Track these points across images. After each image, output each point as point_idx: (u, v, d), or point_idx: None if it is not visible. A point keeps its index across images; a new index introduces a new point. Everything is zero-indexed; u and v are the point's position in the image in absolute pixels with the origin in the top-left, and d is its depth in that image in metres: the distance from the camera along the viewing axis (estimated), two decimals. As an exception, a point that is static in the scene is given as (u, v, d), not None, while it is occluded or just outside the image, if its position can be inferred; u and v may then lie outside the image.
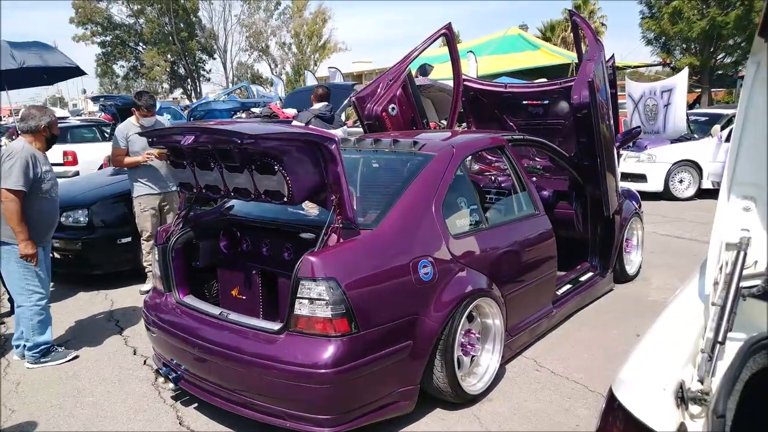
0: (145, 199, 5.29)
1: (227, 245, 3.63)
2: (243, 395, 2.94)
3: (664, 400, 1.30)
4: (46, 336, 4.02)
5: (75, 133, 12.08)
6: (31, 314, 3.94)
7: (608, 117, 4.71)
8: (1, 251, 3.87)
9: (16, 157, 3.76)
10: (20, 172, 3.74)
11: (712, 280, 1.44)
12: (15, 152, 3.79)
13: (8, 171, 3.72)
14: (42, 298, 3.98)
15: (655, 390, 1.33)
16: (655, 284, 5.46)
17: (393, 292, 2.91)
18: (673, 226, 7.99)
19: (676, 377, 1.32)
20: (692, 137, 10.43)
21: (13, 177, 3.72)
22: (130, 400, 3.49)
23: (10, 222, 3.75)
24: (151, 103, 5.35)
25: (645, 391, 1.36)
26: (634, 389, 1.39)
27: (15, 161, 3.74)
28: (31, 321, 3.95)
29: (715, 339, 1.32)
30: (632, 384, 1.42)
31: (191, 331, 3.14)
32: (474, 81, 5.88)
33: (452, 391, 3.18)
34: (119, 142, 5.29)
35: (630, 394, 1.38)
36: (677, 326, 1.54)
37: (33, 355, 3.99)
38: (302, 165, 2.77)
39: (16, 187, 3.72)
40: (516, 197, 4.15)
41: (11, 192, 3.71)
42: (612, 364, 3.76)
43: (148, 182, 5.29)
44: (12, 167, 3.73)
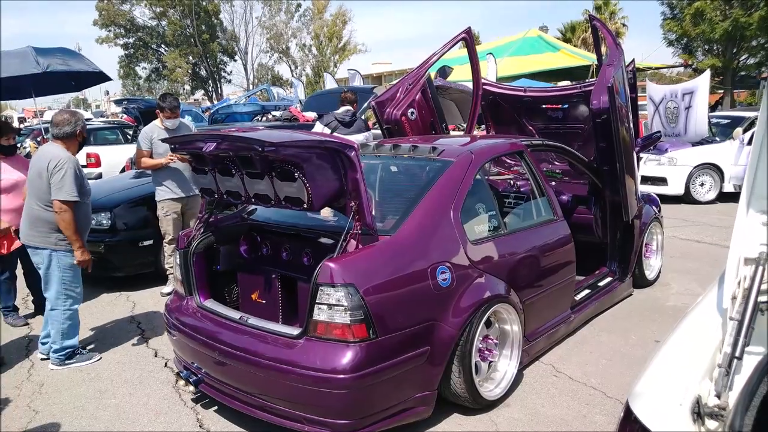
0: (167, 203, 5.37)
1: (247, 250, 3.67)
2: (262, 399, 2.98)
3: (680, 416, 1.30)
4: (73, 340, 4.11)
5: (98, 135, 12.25)
6: (63, 318, 4.03)
7: (628, 121, 4.68)
8: (51, 257, 3.96)
9: (65, 167, 3.81)
10: (72, 182, 3.81)
11: (730, 294, 1.44)
12: (63, 162, 3.82)
13: (61, 182, 3.78)
14: (75, 302, 4.09)
15: (671, 405, 1.33)
16: (675, 289, 5.41)
17: (411, 298, 2.93)
18: (694, 230, 7.90)
19: (692, 392, 1.32)
20: (714, 140, 10.30)
21: (67, 188, 3.79)
22: (151, 402, 3.55)
23: (67, 231, 3.84)
24: (174, 105, 5.42)
25: (661, 406, 1.36)
26: (651, 403, 1.39)
27: (66, 171, 3.79)
28: (62, 325, 4.03)
29: (733, 354, 1.32)
30: (648, 398, 1.42)
31: (211, 334, 3.18)
32: (493, 85, 5.87)
33: (470, 397, 3.19)
34: (143, 144, 5.37)
35: (646, 408, 1.39)
36: (694, 339, 1.53)
37: (59, 357, 4.07)
38: (322, 172, 2.80)
39: (71, 198, 3.81)
40: (535, 202, 4.15)
41: (65, 203, 3.79)
42: (630, 371, 3.75)
43: (170, 186, 5.36)
44: (64, 178, 3.78)
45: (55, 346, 4.06)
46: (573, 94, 5.36)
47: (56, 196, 3.78)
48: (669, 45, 24.41)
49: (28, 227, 4.01)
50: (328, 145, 2.77)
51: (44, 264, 3.99)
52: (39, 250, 4.00)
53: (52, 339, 4.08)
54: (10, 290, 4.99)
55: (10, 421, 3.39)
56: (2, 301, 4.97)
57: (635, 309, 4.93)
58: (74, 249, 3.91)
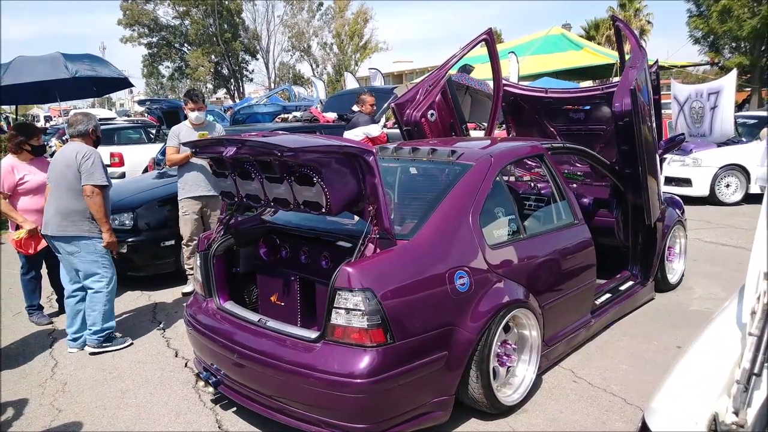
0: (187, 202, 5.43)
1: (267, 252, 3.70)
2: (280, 402, 3.00)
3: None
4: (112, 322, 4.43)
5: (122, 135, 12.41)
6: (105, 300, 4.33)
7: (651, 123, 4.62)
8: (87, 244, 4.26)
9: (92, 156, 4.18)
10: (101, 168, 4.20)
11: (750, 309, 1.41)
12: (90, 152, 4.19)
13: (91, 168, 4.14)
14: (114, 282, 4.42)
15: (687, 424, 1.32)
16: (698, 294, 5.33)
17: (429, 303, 2.92)
18: (718, 232, 7.76)
19: (709, 409, 1.30)
20: (740, 140, 10.12)
21: (98, 174, 4.17)
22: (171, 402, 3.60)
23: (98, 214, 4.18)
24: (196, 94, 5.58)
25: (677, 425, 1.35)
26: (667, 422, 1.38)
27: (94, 159, 4.17)
28: (104, 306, 4.32)
29: (752, 370, 1.29)
30: (665, 415, 1.40)
31: (230, 336, 3.21)
32: (514, 86, 5.84)
33: (487, 402, 3.18)
34: (171, 141, 5.48)
35: (662, 426, 1.37)
36: (712, 355, 1.51)
37: (98, 339, 4.34)
38: (340, 176, 2.81)
39: (102, 182, 4.18)
40: (555, 206, 4.11)
41: (96, 187, 4.15)
42: (651, 377, 3.70)
43: (191, 185, 5.41)
44: (93, 165, 4.15)
45: (95, 328, 4.32)
46: (595, 95, 5.31)
47: (88, 182, 4.13)
48: (695, 43, 24.05)
49: (60, 219, 4.22)
50: (346, 149, 2.78)
51: (80, 252, 4.27)
52: (74, 239, 4.25)
53: (92, 322, 4.33)
54: (35, 289, 5.09)
55: (33, 419, 3.46)
56: (27, 300, 5.07)
57: (657, 313, 4.86)
58: (103, 231, 4.23)
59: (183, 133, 5.43)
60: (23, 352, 4.48)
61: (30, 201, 4.76)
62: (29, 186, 4.76)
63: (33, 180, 4.77)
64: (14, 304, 5.42)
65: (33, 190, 4.77)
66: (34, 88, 7.23)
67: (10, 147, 4.82)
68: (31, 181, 4.76)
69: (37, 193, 4.75)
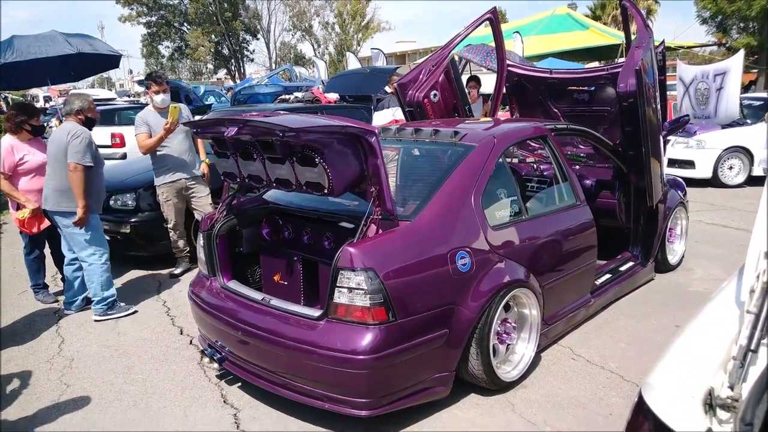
0: (164, 188, 5.40)
1: (269, 233, 3.73)
2: (284, 377, 3.06)
3: (692, 408, 1.32)
4: (112, 290, 4.69)
5: (122, 115, 12.29)
6: (101, 271, 4.58)
7: (656, 105, 4.61)
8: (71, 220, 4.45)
9: (82, 135, 4.38)
10: (86, 149, 4.37)
11: (749, 287, 1.44)
12: (80, 132, 4.39)
13: (77, 146, 4.33)
14: (107, 255, 4.65)
15: (683, 398, 1.35)
16: (698, 275, 5.36)
17: (430, 283, 2.96)
18: (720, 214, 7.77)
19: (705, 384, 1.33)
20: (744, 122, 10.06)
21: (83, 153, 4.34)
22: (177, 378, 3.67)
23: (76, 189, 4.34)
24: (159, 76, 5.56)
25: (673, 399, 1.38)
26: (663, 395, 1.41)
27: (82, 139, 4.36)
28: (101, 277, 4.58)
29: (748, 346, 1.33)
30: (661, 389, 1.44)
31: (235, 315, 3.26)
32: (518, 66, 5.80)
33: (487, 378, 3.23)
34: (139, 128, 5.34)
35: (659, 399, 1.40)
36: (710, 332, 1.54)
37: (102, 307, 4.61)
38: (342, 157, 2.83)
39: (84, 162, 4.35)
40: (557, 187, 4.13)
41: (79, 165, 4.32)
42: (649, 355, 3.76)
43: (165, 170, 5.37)
44: (80, 143, 4.34)
45: (97, 298, 4.61)
46: (600, 76, 5.28)
47: (72, 159, 4.33)
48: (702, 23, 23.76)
49: (57, 195, 4.48)
50: (348, 130, 2.79)
51: (74, 228, 4.46)
52: (69, 215, 4.47)
53: (92, 293, 4.62)
54: (40, 269, 5.14)
55: (42, 393, 3.54)
56: (32, 279, 5.13)
57: (656, 294, 4.90)
58: (78, 206, 4.38)
59: (150, 118, 5.34)
60: (30, 329, 4.55)
61: (30, 182, 4.78)
62: (29, 166, 4.76)
63: (33, 160, 4.77)
64: (20, 283, 5.48)
65: (33, 170, 4.78)
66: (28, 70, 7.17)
67: (10, 126, 4.80)
68: (30, 161, 4.77)
69: (37, 173, 4.77)
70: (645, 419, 1.42)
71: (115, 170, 6.65)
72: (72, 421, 3.22)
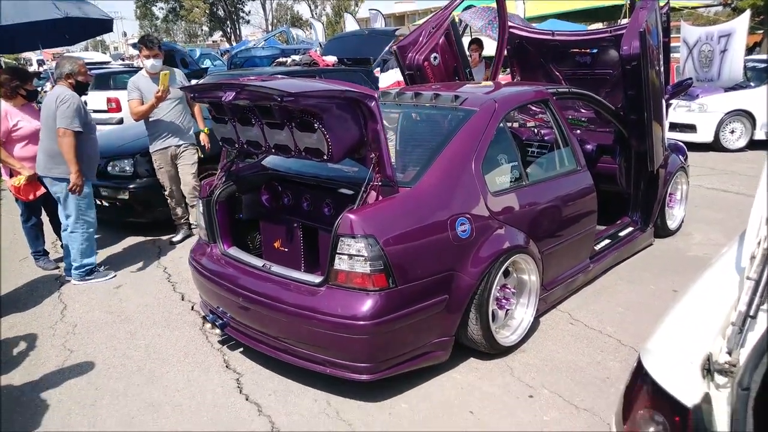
0: (157, 155, 5.35)
1: (269, 199, 3.72)
2: (285, 342, 3.09)
3: (690, 373, 1.33)
4: (91, 258, 4.75)
5: (118, 80, 12.12)
6: (81, 239, 4.62)
7: (659, 66, 4.54)
8: (63, 186, 4.50)
9: (69, 101, 4.35)
10: (74, 114, 4.34)
11: (750, 253, 1.44)
12: (67, 97, 4.36)
13: (65, 112, 4.31)
14: (90, 227, 4.69)
15: (681, 363, 1.36)
16: (697, 239, 5.38)
17: (430, 249, 2.96)
18: (721, 179, 7.75)
19: (704, 350, 1.34)
20: (747, 85, 9.94)
21: (69, 118, 4.32)
22: (179, 343, 3.70)
23: (67, 155, 4.34)
24: (151, 40, 5.34)
25: (672, 364, 1.40)
26: (662, 360, 1.43)
27: (69, 104, 4.33)
28: (81, 245, 4.63)
29: (747, 312, 1.33)
30: (660, 355, 1.45)
31: (236, 281, 3.27)
32: (520, 28, 5.69)
33: (486, 343, 3.27)
34: (131, 94, 5.25)
35: (657, 364, 1.42)
36: (709, 297, 1.54)
37: (80, 273, 4.70)
38: (342, 123, 2.80)
39: (71, 127, 4.33)
40: (558, 152, 4.10)
41: (67, 130, 4.31)
42: (647, 320, 3.79)
43: (156, 137, 5.31)
44: (68, 109, 4.32)
45: (75, 264, 4.68)
46: (602, 38, 5.19)
47: (60, 125, 4.32)
48: (707, -18, 23.25)
49: (47, 161, 4.51)
50: (347, 95, 2.75)
51: (63, 193, 4.53)
52: (58, 180, 4.51)
53: (72, 258, 4.68)
54: (38, 236, 5.14)
55: (46, 359, 3.58)
56: (32, 246, 5.14)
57: (655, 259, 4.92)
58: (71, 172, 4.39)
59: (142, 83, 5.24)
60: (32, 296, 4.58)
61: (24, 149, 4.74)
62: (23, 133, 4.71)
63: (27, 126, 4.72)
64: (20, 250, 5.49)
65: (26, 137, 4.73)
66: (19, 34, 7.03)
67: (5, 91, 4.73)
68: (24, 127, 4.71)
69: (31, 140, 4.73)
70: (644, 384, 1.43)
71: (111, 136, 6.61)
72: (77, 386, 3.26)
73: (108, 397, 3.14)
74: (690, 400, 1.30)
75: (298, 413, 2.95)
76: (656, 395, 1.38)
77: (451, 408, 2.95)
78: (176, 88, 5.13)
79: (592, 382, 3.16)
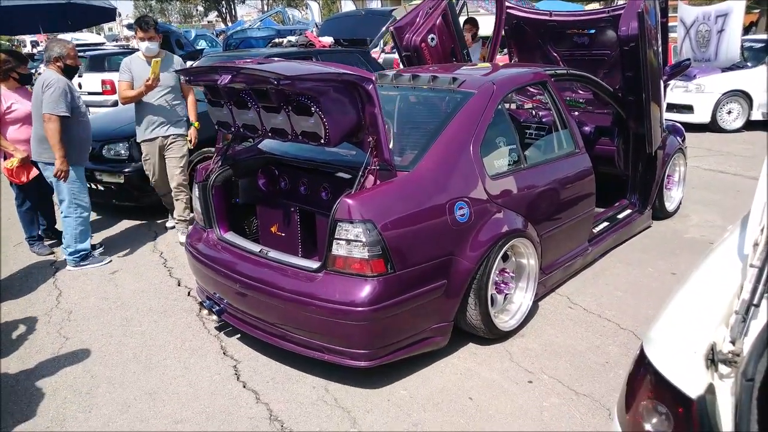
0: (144, 145, 5.09)
1: (266, 183, 3.68)
2: (282, 329, 3.07)
3: (693, 363, 1.31)
4: (85, 244, 4.71)
5: (113, 61, 11.93)
6: (75, 224, 4.60)
7: (657, 47, 4.49)
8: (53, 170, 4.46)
9: (54, 85, 4.29)
10: (59, 99, 4.28)
11: (753, 240, 1.41)
12: (53, 82, 4.31)
13: (50, 97, 4.26)
14: (85, 211, 4.65)
15: (685, 352, 1.34)
16: (695, 221, 5.37)
17: (429, 234, 2.93)
18: (718, 160, 7.74)
19: (707, 340, 1.32)
20: (745, 65, 9.88)
21: (53, 102, 4.26)
22: (176, 330, 3.68)
23: (51, 140, 4.30)
24: (146, 21, 5.00)
25: (675, 353, 1.37)
26: (664, 350, 1.40)
27: (54, 89, 4.27)
28: (75, 230, 4.61)
29: (751, 301, 1.31)
30: (663, 344, 1.43)
31: (233, 267, 3.24)
32: (518, 8, 5.62)
33: (485, 328, 3.25)
34: (122, 75, 4.97)
35: (660, 354, 1.40)
36: (712, 285, 1.52)
37: (74, 259, 4.67)
38: (339, 106, 2.74)
39: (56, 112, 4.27)
40: (557, 135, 4.06)
41: (52, 116, 4.26)
42: (645, 303, 3.80)
43: (143, 126, 5.03)
44: (53, 94, 4.26)
45: (69, 250, 4.65)
46: (601, 18, 5.12)
47: (45, 110, 4.28)
48: (704, -40, 23.02)
49: (37, 145, 4.52)
50: (345, 77, 2.70)
51: (54, 178, 4.48)
52: (49, 165, 4.49)
53: (66, 243, 4.66)
54: (33, 220, 5.09)
55: (42, 346, 3.55)
56: (26, 231, 5.09)
57: (653, 241, 4.91)
58: (56, 158, 4.34)
59: (135, 66, 4.94)
60: (27, 281, 4.54)
61: (18, 131, 4.70)
62: (16, 115, 4.67)
63: (20, 109, 4.68)
64: (15, 235, 5.44)
65: (20, 120, 4.69)
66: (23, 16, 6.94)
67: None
68: (18, 110, 4.67)
69: (24, 122, 4.69)
70: (646, 373, 1.41)
71: (106, 118, 6.51)
72: (72, 374, 3.23)
73: (104, 385, 3.11)
74: (694, 391, 1.27)
75: (296, 400, 2.93)
76: (659, 385, 1.36)
77: (451, 394, 2.94)
78: (171, 74, 4.93)
79: (591, 366, 3.16)
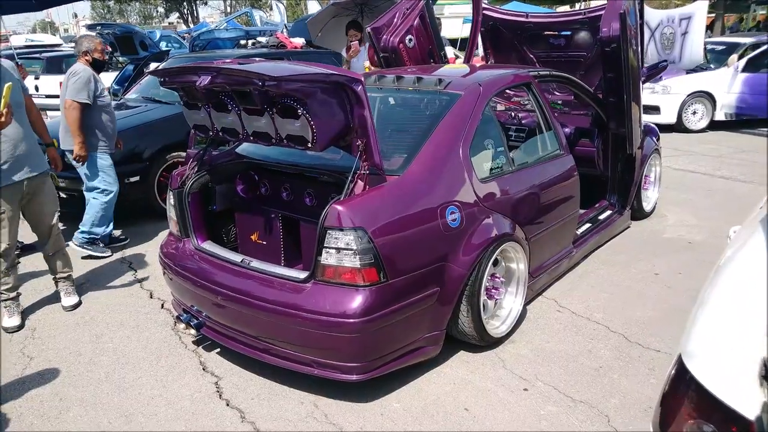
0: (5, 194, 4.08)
1: (245, 189, 3.50)
2: (266, 342, 2.91)
3: (748, 381, 1.22)
4: (100, 229, 4.85)
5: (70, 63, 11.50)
6: (99, 208, 4.78)
7: (637, 48, 4.49)
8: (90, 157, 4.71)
9: (79, 75, 4.59)
10: (83, 87, 4.55)
11: None
12: (78, 71, 4.62)
13: (74, 85, 4.55)
14: (112, 195, 4.83)
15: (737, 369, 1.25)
16: (671, 221, 5.41)
17: (421, 240, 2.82)
18: (686, 159, 7.87)
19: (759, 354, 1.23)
20: (708, 67, 10.12)
21: (77, 90, 4.54)
22: (150, 345, 3.46)
23: (72, 126, 4.53)
24: None
25: (725, 370, 1.28)
26: (712, 366, 1.30)
27: (78, 78, 4.57)
28: (97, 213, 4.78)
29: None
30: (709, 360, 1.32)
31: (212, 278, 3.06)
32: (494, 10, 5.58)
33: (477, 335, 3.16)
34: None
35: (707, 370, 1.29)
36: (744, 291, 1.43)
37: (83, 238, 4.82)
38: (327, 108, 2.60)
39: (78, 99, 4.53)
40: (541, 136, 4.00)
41: (74, 102, 4.52)
42: (632, 304, 3.79)
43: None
44: (77, 82, 4.55)
45: (84, 228, 4.81)
46: (577, 20, 5.11)
47: (68, 96, 4.56)
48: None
49: (65, 134, 4.70)
50: (333, 78, 2.56)
51: (82, 165, 4.71)
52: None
53: (83, 222, 4.80)
54: None
55: (3, 368, 3.28)
56: None
57: (633, 242, 4.92)
58: (74, 143, 4.57)
59: None
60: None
61: None
62: None
63: None
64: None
65: None
66: None
67: None
68: None
69: None
70: (688, 390, 1.31)
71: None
72: (39, 397, 2.99)
73: (75, 409, 2.89)
74: (750, 411, 1.18)
75: (284, 417, 2.78)
76: (707, 404, 1.26)
77: (446, 405, 2.83)
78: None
79: (585, 372, 3.09)
